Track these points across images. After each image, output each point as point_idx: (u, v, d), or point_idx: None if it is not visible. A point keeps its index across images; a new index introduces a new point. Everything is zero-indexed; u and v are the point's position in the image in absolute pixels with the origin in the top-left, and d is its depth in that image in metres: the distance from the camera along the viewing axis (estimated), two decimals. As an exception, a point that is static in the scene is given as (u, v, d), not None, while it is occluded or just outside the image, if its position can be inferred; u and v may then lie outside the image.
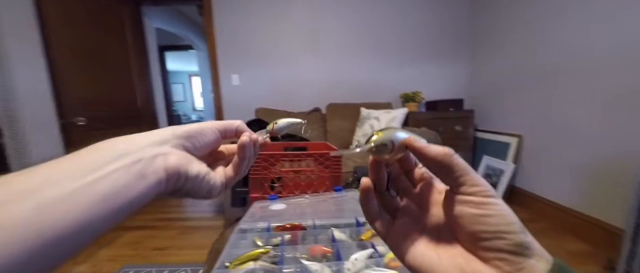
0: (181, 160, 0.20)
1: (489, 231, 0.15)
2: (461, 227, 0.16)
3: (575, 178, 1.42)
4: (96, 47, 1.88)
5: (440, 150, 0.17)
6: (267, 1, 2.24)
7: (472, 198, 0.16)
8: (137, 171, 0.17)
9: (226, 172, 0.24)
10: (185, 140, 0.21)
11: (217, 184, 0.23)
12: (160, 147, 0.19)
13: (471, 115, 2.05)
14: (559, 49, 1.51)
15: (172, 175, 0.19)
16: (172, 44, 4.12)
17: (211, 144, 0.23)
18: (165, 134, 0.20)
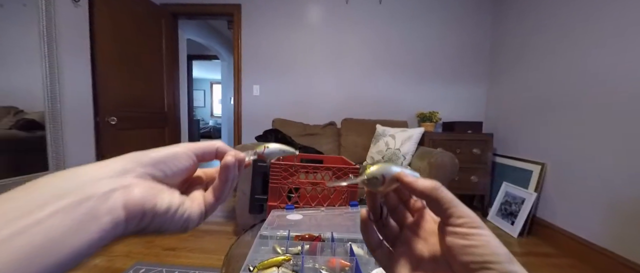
0: (147, 192, 0.16)
1: (476, 261, 0.16)
2: (453, 257, 0.17)
3: (604, 213, 1.34)
4: (135, 54, 2.06)
5: (428, 184, 0.18)
6: (290, 19, 2.37)
7: (459, 229, 0.17)
8: (84, 213, 0.14)
9: (206, 198, 0.21)
10: (153, 167, 0.18)
11: (193, 216, 0.19)
12: (120, 178, 0.16)
13: (490, 138, 2.01)
14: (586, 77, 1.48)
15: (134, 213, 0.16)
16: (199, 53, 4.39)
17: (185, 171, 0.20)
18: (126, 163, 0.17)
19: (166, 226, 0.18)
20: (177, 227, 0.18)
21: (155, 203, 0.17)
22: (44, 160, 1.50)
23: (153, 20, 2.21)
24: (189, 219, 0.19)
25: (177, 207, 0.18)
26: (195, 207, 0.20)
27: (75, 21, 1.64)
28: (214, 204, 0.21)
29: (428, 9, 2.31)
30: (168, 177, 0.19)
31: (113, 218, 0.15)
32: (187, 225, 0.19)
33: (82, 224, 0.14)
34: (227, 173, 0.21)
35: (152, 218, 0.17)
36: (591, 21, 1.46)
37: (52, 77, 1.50)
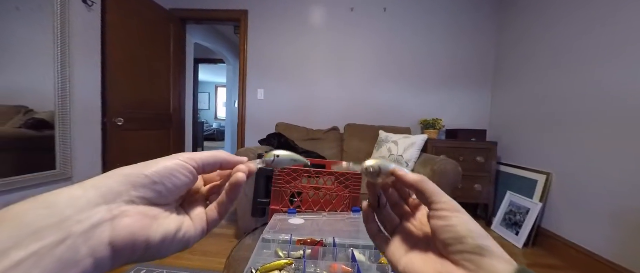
0: (139, 223, 0.15)
1: (453, 238, 0.18)
2: (437, 237, 0.19)
3: (610, 225, 1.31)
4: (143, 57, 2.10)
5: (416, 177, 0.21)
6: (296, 25, 2.41)
7: (440, 213, 0.19)
8: (61, 257, 0.12)
9: (208, 215, 0.19)
10: (147, 189, 0.16)
11: (195, 236, 0.18)
12: (108, 206, 0.14)
13: (494, 147, 1.99)
14: (593, 88, 1.47)
15: (122, 249, 0.14)
16: (206, 57, 4.46)
17: (184, 188, 0.18)
18: (115, 185, 0.15)
19: (162, 253, 0.16)
20: (174, 251, 0.17)
21: (148, 236, 0.15)
22: (52, 159, 1.53)
23: (162, 24, 2.27)
24: (188, 240, 0.17)
25: (174, 233, 0.16)
26: (197, 226, 0.18)
27: (87, 25, 1.69)
28: (217, 221, 0.19)
29: (433, 17, 2.33)
30: (163, 197, 0.17)
31: (96, 260, 0.13)
32: (186, 246, 0.17)
33: (59, 270, 0.11)
34: (236, 190, 0.19)
35: (145, 250, 0.15)
36: (598, 33, 1.46)
37: (64, 78, 1.53)
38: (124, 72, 1.95)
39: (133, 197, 0.15)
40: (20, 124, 1.39)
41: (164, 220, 0.16)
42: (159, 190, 0.16)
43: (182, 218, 0.18)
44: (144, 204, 0.16)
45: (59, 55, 1.50)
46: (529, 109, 1.92)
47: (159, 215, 0.16)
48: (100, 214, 0.14)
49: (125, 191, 0.15)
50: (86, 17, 1.67)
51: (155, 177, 0.16)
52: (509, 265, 0.17)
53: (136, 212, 0.15)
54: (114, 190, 0.14)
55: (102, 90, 1.81)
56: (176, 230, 0.17)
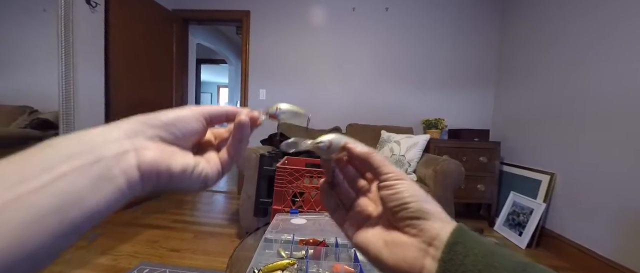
0: (160, 154, 0.17)
1: (398, 204, 0.19)
2: (385, 206, 0.20)
3: (615, 226, 1.29)
4: (146, 57, 2.12)
5: (364, 149, 0.21)
6: (298, 25, 2.41)
7: (386, 182, 0.20)
8: (99, 173, 0.14)
9: (221, 157, 0.21)
10: (162, 130, 0.17)
11: (211, 174, 0.20)
12: (130, 140, 0.16)
13: (497, 147, 1.98)
14: (598, 88, 1.45)
15: (149, 173, 0.16)
16: (208, 57, 4.48)
17: (195, 134, 0.20)
18: (134, 125, 0.17)
19: (185, 185, 0.18)
20: (196, 186, 0.19)
21: (170, 164, 0.17)
22: (56, 159, 1.54)
23: (165, 25, 2.28)
24: (207, 178, 0.19)
25: (192, 167, 0.18)
26: (212, 165, 0.20)
27: (91, 26, 1.70)
28: (229, 162, 0.21)
29: (435, 16, 2.32)
30: (178, 139, 0.18)
31: (128, 179, 0.15)
32: (206, 183, 0.19)
33: (98, 184, 0.13)
34: (241, 131, 0.21)
35: (169, 179, 0.17)
36: (603, 33, 1.45)
37: (68, 79, 1.55)
38: (127, 73, 1.96)
39: (150, 135, 0.17)
40: (25, 123, 1.40)
41: (182, 156, 0.18)
42: (173, 132, 0.18)
43: (199, 158, 0.20)
44: (162, 141, 0.17)
45: (63, 56, 1.51)
46: (533, 109, 1.90)
47: (176, 152, 0.18)
48: (126, 145, 0.15)
49: (142, 130, 0.17)
50: (90, 18, 1.69)
51: (168, 120, 0.18)
52: (448, 224, 0.18)
53: (155, 146, 0.17)
54: (134, 129, 0.16)
55: (105, 90, 1.83)
56: (194, 165, 0.18)
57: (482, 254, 0.16)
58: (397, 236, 0.19)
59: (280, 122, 0.25)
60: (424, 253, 0.17)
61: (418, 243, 0.18)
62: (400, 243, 0.18)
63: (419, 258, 0.17)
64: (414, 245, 0.18)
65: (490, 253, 0.16)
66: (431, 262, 0.17)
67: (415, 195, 0.19)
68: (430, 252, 0.17)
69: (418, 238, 0.18)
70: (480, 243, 0.17)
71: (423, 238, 0.18)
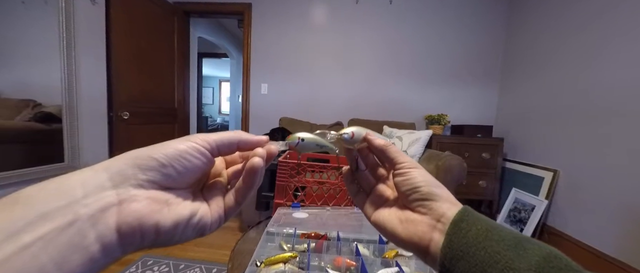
0: (148, 209, 0.14)
1: (410, 189, 0.21)
2: (399, 191, 0.22)
3: (618, 223, 1.29)
4: (148, 51, 2.11)
5: (382, 142, 0.23)
6: (300, 18, 2.38)
7: (400, 170, 0.22)
8: (68, 242, 0.11)
9: (226, 202, 0.19)
10: (156, 173, 0.15)
11: (211, 222, 0.17)
12: (116, 190, 0.13)
13: (500, 143, 1.96)
14: (603, 85, 1.43)
15: (131, 236, 0.13)
16: (209, 51, 4.45)
17: (198, 171, 0.17)
18: (125, 167, 0.14)
19: (175, 240, 0.15)
20: (189, 237, 0.16)
21: (158, 220, 0.14)
22: (60, 152, 1.56)
23: (166, 18, 2.26)
24: (204, 227, 0.17)
25: (187, 218, 0.16)
26: (214, 213, 0.18)
27: (92, 19, 1.69)
28: (235, 208, 0.19)
29: (440, 10, 2.27)
30: (177, 181, 0.16)
31: (104, 245, 0.12)
32: (202, 233, 0.17)
33: (65, 255, 0.11)
34: (254, 177, 0.18)
35: (155, 237, 0.14)
36: (609, 28, 1.41)
37: (70, 72, 1.55)
38: (129, 66, 1.96)
39: (141, 180, 0.14)
40: (28, 117, 1.41)
41: (177, 205, 0.16)
42: (168, 173, 0.15)
43: (197, 204, 0.17)
44: (155, 188, 0.15)
45: (65, 49, 1.51)
46: (537, 105, 1.88)
47: (171, 200, 0.16)
48: (108, 198, 0.13)
49: (133, 175, 0.14)
50: (91, 11, 1.68)
51: (163, 159, 0.15)
52: (455, 206, 0.20)
53: (145, 197, 0.14)
54: (122, 173, 0.14)
55: (107, 83, 1.83)
56: (190, 215, 0.16)
57: (483, 229, 0.18)
58: (410, 214, 0.21)
59: (300, 154, 0.23)
60: (432, 228, 0.19)
61: (428, 220, 0.20)
62: (412, 219, 0.21)
63: (428, 232, 0.19)
64: (424, 221, 0.20)
65: (491, 228, 0.18)
66: (439, 235, 0.19)
67: (426, 181, 0.21)
68: (438, 227, 0.19)
69: (427, 216, 0.20)
70: (483, 221, 0.18)
71: (432, 216, 0.20)
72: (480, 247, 0.17)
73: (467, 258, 0.17)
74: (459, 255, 0.17)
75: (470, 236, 0.17)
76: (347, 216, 0.76)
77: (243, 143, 0.19)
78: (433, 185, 0.21)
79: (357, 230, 0.66)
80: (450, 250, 0.18)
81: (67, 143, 1.58)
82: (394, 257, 0.50)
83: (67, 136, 1.57)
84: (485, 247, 0.17)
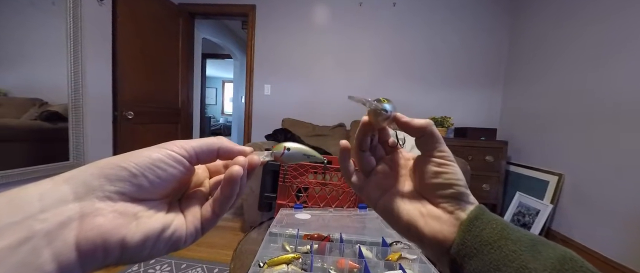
0: (113, 223, 0.13)
1: (444, 183, 0.20)
2: (425, 180, 0.21)
3: (624, 229, 1.27)
4: (153, 51, 2.13)
5: (424, 121, 0.21)
6: (304, 20, 2.39)
7: (438, 160, 0.20)
8: (19, 262, 0.10)
9: (203, 214, 0.17)
10: (126, 183, 0.14)
11: (186, 236, 0.16)
12: (79, 202, 0.12)
13: (504, 146, 1.95)
14: (610, 89, 1.41)
15: (92, 253, 0.12)
16: (213, 52, 4.49)
17: (173, 181, 0.16)
18: (91, 178, 0.13)
19: (145, 255, 0.14)
20: (161, 252, 0.15)
21: (125, 235, 0.13)
22: (66, 151, 1.57)
23: (171, 19, 2.28)
24: (178, 241, 0.15)
25: (158, 233, 0.14)
26: (190, 225, 0.16)
27: (99, 19, 1.71)
28: (213, 220, 0.17)
29: (444, 12, 2.27)
30: (149, 192, 0.15)
31: (61, 264, 0.11)
32: (176, 247, 0.15)
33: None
34: (232, 186, 0.16)
35: (121, 253, 0.13)
36: (615, 29, 1.40)
37: (76, 72, 1.57)
38: (134, 66, 1.98)
39: (108, 192, 0.13)
40: (35, 115, 1.43)
41: (148, 218, 0.14)
42: (140, 184, 0.14)
43: (171, 216, 0.16)
44: (124, 200, 0.14)
45: (72, 49, 1.53)
46: (541, 108, 1.86)
47: (141, 213, 0.14)
48: (69, 212, 0.12)
49: (99, 186, 0.13)
50: (97, 12, 1.70)
51: (134, 168, 0.14)
52: (473, 206, 0.20)
53: (111, 210, 0.13)
54: (87, 184, 0.13)
55: (112, 83, 1.85)
56: (162, 229, 0.15)
57: (498, 228, 0.18)
58: (433, 209, 0.20)
59: (286, 165, 0.23)
60: (456, 228, 0.19)
61: (453, 220, 0.19)
62: (436, 215, 0.20)
63: (454, 232, 0.19)
64: (451, 221, 0.19)
65: (507, 227, 0.18)
66: None
67: (461, 179, 0.20)
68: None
69: (453, 215, 0.19)
70: (497, 221, 0.18)
71: (456, 216, 0.19)
72: (496, 246, 0.17)
73: (480, 256, 0.17)
74: (472, 253, 0.17)
75: (485, 234, 0.17)
76: (350, 218, 0.76)
77: (224, 150, 0.18)
78: (465, 186, 0.20)
79: (360, 232, 0.66)
80: (463, 247, 0.18)
81: (72, 142, 1.60)
82: (397, 259, 0.50)
83: (73, 135, 1.59)
84: (501, 246, 0.17)
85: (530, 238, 0.17)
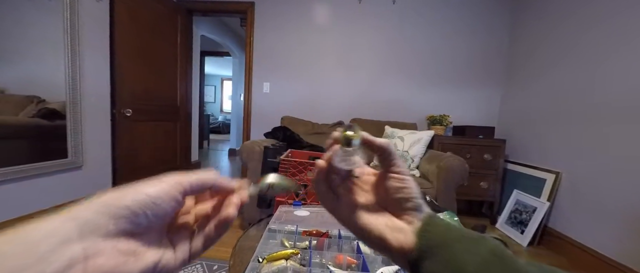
0: (114, 261, 0.14)
1: (404, 197, 0.22)
2: (390, 195, 0.22)
3: (621, 227, 1.28)
4: (151, 48, 2.11)
5: (384, 141, 0.23)
6: (303, 17, 2.38)
7: (397, 175, 0.22)
8: None
9: (193, 246, 0.18)
10: (127, 221, 0.14)
11: (174, 266, 0.17)
12: (82, 243, 0.13)
13: (502, 144, 1.96)
14: (608, 87, 1.42)
15: None
16: (212, 49, 4.47)
17: (168, 215, 0.17)
18: (95, 216, 0.14)
19: None
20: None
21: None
22: (64, 148, 1.57)
23: (169, 16, 2.27)
24: (167, 272, 0.17)
25: (152, 268, 0.15)
26: (178, 256, 0.17)
27: (96, 16, 1.70)
28: (201, 251, 0.18)
29: (443, 10, 2.27)
30: (147, 228, 0.16)
31: None
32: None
33: None
34: (226, 227, 0.18)
35: None
36: (613, 27, 1.40)
37: (74, 69, 1.56)
38: (132, 63, 1.97)
39: (112, 230, 0.14)
40: (33, 113, 1.42)
41: (143, 254, 0.15)
42: (139, 222, 0.15)
43: (162, 249, 0.17)
44: (124, 236, 0.15)
45: (69, 46, 1.52)
46: (539, 107, 1.87)
47: (138, 250, 0.15)
48: (74, 253, 0.13)
49: (103, 224, 0.14)
50: (95, 8, 1.69)
51: (136, 207, 0.15)
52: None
53: (112, 249, 0.14)
54: (91, 223, 0.14)
55: (110, 81, 1.84)
56: (155, 263, 0.16)
57: (442, 230, 0.20)
58: (397, 222, 0.22)
59: (269, 197, 0.25)
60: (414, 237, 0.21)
61: (412, 229, 0.21)
62: (399, 228, 0.21)
63: (413, 241, 0.21)
64: (411, 230, 0.21)
65: (448, 229, 0.20)
66: None
67: (417, 191, 0.22)
68: None
69: (412, 226, 0.21)
70: (442, 224, 0.21)
71: (415, 225, 0.21)
72: (442, 247, 0.19)
73: (432, 258, 0.19)
74: (425, 256, 0.19)
75: (433, 238, 0.20)
76: (348, 215, 0.77)
77: (217, 187, 0.19)
78: (420, 197, 0.22)
79: (358, 228, 0.66)
80: (418, 252, 0.20)
81: (71, 140, 1.59)
82: (395, 255, 0.50)
83: (71, 132, 1.59)
84: (448, 246, 0.19)
85: (472, 236, 0.20)
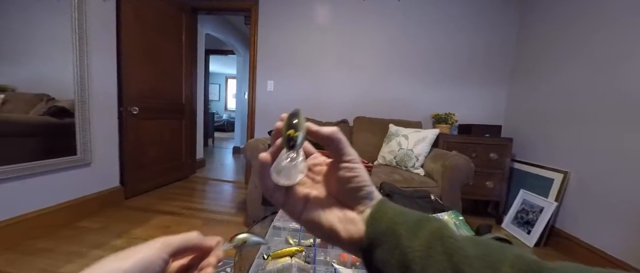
0: None
1: (357, 186, 0.21)
2: (342, 186, 0.22)
3: (630, 228, 1.25)
4: (157, 47, 2.14)
5: (331, 130, 0.21)
6: (307, 15, 2.37)
7: (347, 165, 0.21)
8: None
9: None
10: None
11: None
12: None
13: (509, 143, 1.93)
14: (618, 86, 1.38)
15: None
16: (216, 48, 4.49)
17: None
18: None
19: None
20: None
21: None
22: (73, 145, 1.60)
23: (174, 15, 2.28)
24: None
25: None
26: None
27: (103, 15, 1.72)
28: None
29: (448, 7, 2.23)
30: None
31: None
32: None
33: None
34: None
35: None
36: (623, 25, 1.36)
37: (82, 68, 1.58)
38: (138, 62, 1.99)
39: None
40: (43, 111, 1.45)
41: None
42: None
43: None
44: None
45: (77, 45, 1.55)
46: (547, 105, 1.83)
47: None
48: None
49: None
50: (102, 8, 1.71)
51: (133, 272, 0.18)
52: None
53: None
54: None
55: (117, 79, 1.86)
56: None
57: (390, 216, 0.20)
58: (348, 213, 0.21)
59: (243, 253, 0.27)
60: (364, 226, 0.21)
61: (362, 218, 0.21)
62: (350, 218, 0.21)
63: (363, 230, 0.21)
64: (361, 220, 0.21)
65: (396, 214, 0.20)
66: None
67: (368, 179, 0.22)
68: None
69: (363, 215, 0.21)
70: (392, 210, 0.21)
71: (365, 214, 0.21)
72: (389, 234, 0.19)
73: (382, 245, 0.19)
74: (376, 243, 0.19)
75: (382, 226, 0.20)
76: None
77: (198, 248, 0.23)
78: (371, 183, 0.22)
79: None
80: (368, 241, 0.20)
81: (79, 137, 1.62)
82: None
83: (79, 130, 1.62)
84: (394, 232, 0.19)
85: (416, 219, 0.20)
